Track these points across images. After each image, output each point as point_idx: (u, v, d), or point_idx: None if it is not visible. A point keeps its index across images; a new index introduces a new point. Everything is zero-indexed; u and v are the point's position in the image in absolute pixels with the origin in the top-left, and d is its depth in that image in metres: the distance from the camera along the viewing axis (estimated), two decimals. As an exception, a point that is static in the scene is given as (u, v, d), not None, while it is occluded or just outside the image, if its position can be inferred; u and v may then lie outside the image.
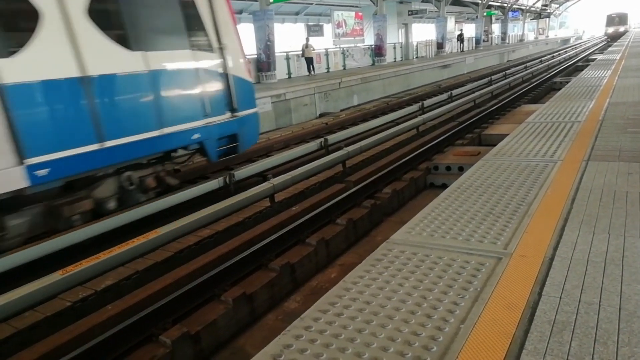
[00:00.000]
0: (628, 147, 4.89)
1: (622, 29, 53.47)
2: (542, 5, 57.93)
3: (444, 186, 7.01)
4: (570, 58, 30.78)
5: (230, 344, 3.82)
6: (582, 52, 35.16)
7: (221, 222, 5.60)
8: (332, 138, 8.72)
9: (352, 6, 29.43)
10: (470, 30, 42.63)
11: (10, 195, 4.52)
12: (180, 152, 6.40)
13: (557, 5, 67.89)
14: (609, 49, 25.63)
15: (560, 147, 5.18)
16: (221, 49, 6.42)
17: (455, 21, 45.98)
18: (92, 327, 3.50)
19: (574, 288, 2.36)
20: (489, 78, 18.44)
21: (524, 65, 25.18)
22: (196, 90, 6.14)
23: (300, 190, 6.73)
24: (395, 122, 10.85)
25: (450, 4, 32.80)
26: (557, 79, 19.03)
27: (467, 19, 45.64)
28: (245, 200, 5.72)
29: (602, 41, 49.35)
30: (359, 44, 27.67)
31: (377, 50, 25.38)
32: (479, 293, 2.38)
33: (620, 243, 2.79)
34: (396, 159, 8.00)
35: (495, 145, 5.76)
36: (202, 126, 6.19)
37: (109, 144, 5.12)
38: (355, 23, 29.72)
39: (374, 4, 24.68)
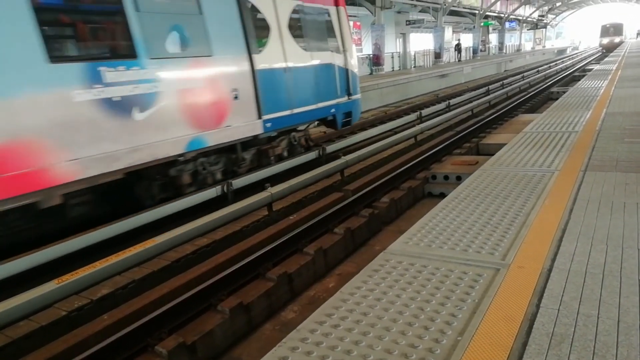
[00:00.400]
0: (625, 158, 4.90)
1: (617, 39, 50.91)
2: (539, 16, 58.43)
3: (442, 195, 7.02)
4: (567, 68, 31.01)
5: (226, 355, 3.79)
6: (579, 62, 35.40)
7: (219, 230, 5.58)
8: (330, 147, 8.73)
9: (351, 16, 29.58)
10: (467, 40, 42.91)
11: (250, 138, 7.12)
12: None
13: (554, 16, 68.47)
14: (605, 59, 25.54)
15: (558, 157, 5.19)
16: (345, 51, 9.05)
17: (453, 31, 46.33)
18: (87, 337, 3.48)
19: (572, 300, 2.35)
20: (487, 88, 18.53)
21: (521, 75, 25.29)
22: (333, 79, 8.79)
23: (298, 199, 6.73)
24: (393, 132, 10.87)
25: (447, 14, 33.04)
26: (554, 89, 19.13)
27: (465, 29, 45.96)
28: (243, 209, 5.71)
29: (597, 52, 48.66)
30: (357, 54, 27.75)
31: (375, 60, 25.49)
32: (477, 305, 2.37)
33: (619, 254, 2.79)
34: (394, 168, 8.01)
35: (493, 154, 5.77)
36: (335, 104, 8.85)
37: (295, 111, 7.84)
38: (353, 33, 29.85)
39: (372, 13, 24.80)
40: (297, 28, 7.91)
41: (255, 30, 6.98)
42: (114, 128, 5.15)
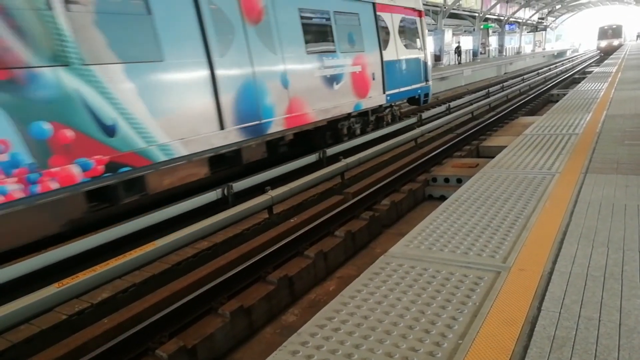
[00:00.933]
0: (626, 160, 4.90)
1: (616, 42, 48.34)
2: (539, 19, 58.51)
3: (443, 198, 7.01)
4: (566, 70, 31.03)
5: (227, 359, 3.79)
6: (576, 65, 35.24)
7: (219, 234, 5.58)
8: (330, 150, 8.73)
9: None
10: (467, 42, 42.96)
11: (377, 107, 10.80)
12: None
13: (554, 19, 68.59)
14: (604, 62, 24.89)
15: (558, 159, 5.18)
16: (425, 49, 12.89)
17: (453, 34, 46.40)
18: (87, 341, 3.47)
19: (574, 303, 2.34)
20: (487, 90, 18.53)
21: (522, 77, 25.32)
22: (419, 69, 12.58)
23: (298, 202, 6.72)
24: (394, 134, 10.88)
25: (447, 17, 33.10)
26: (555, 91, 19.14)
27: (465, 31, 46.03)
28: (244, 212, 5.70)
29: (594, 56, 46.92)
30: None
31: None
32: (478, 308, 2.36)
33: (620, 257, 2.78)
34: (394, 170, 8.01)
35: (493, 157, 5.77)
36: (420, 87, 12.62)
37: (402, 89, 11.60)
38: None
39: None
40: (402, 32, 11.71)
41: (382, 35, 10.77)
42: (326, 93, 8.96)
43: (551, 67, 35.91)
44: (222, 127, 6.74)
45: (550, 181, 4.39)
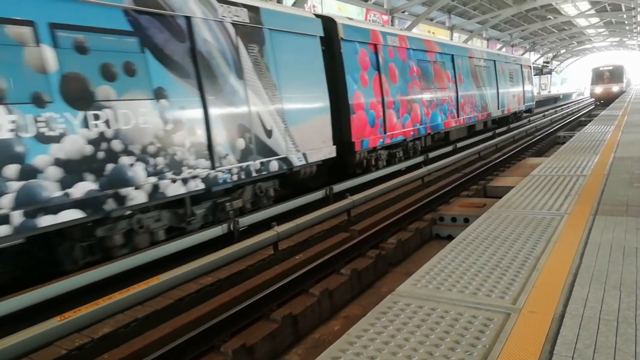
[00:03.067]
0: (636, 202, 4.86)
1: (615, 88, 37.92)
2: (544, 62, 59.52)
3: (450, 237, 6.94)
4: (572, 113, 31.26)
5: (228, 399, 3.68)
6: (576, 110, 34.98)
7: (223, 269, 5.53)
8: (337, 187, 8.75)
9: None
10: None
11: (519, 110, 23.00)
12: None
13: (559, 63, 69.75)
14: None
15: (567, 200, 5.15)
16: (530, 84, 24.74)
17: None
18: (86, 377, 3.40)
19: (587, 347, 2.27)
20: (493, 131, 18.67)
21: (528, 119, 25.50)
22: (525, 96, 23.41)
23: (304, 239, 6.68)
24: (400, 173, 10.91)
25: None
26: (561, 133, 19.22)
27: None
28: (249, 248, 5.68)
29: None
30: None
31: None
32: (488, 350, 2.29)
33: (632, 301, 2.72)
34: (401, 208, 7.98)
35: (500, 197, 5.74)
36: (525, 107, 23.67)
37: (528, 103, 24.42)
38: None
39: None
40: (521, 75, 22.60)
41: (526, 77, 23.46)
42: (513, 102, 21.45)
43: (557, 109, 36.24)
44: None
45: (559, 222, 4.35)
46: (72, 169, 4.96)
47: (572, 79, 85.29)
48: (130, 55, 5.57)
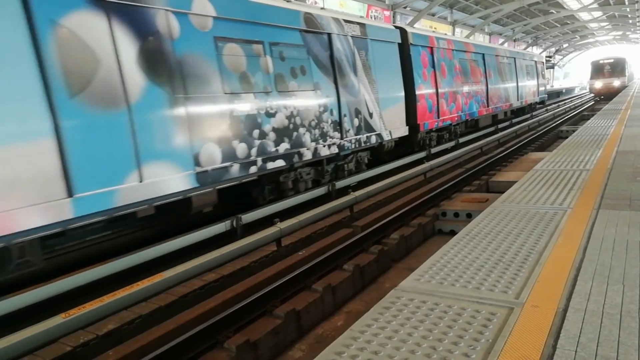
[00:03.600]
0: (638, 196, 4.84)
1: (616, 82, 35.77)
2: (547, 57, 59.25)
3: (452, 233, 6.95)
4: (575, 107, 31.13)
5: (232, 394, 3.69)
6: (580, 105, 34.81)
7: (227, 266, 5.54)
8: (339, 183, 8.75)
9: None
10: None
11: (536, 101, 25.60)
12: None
13: (561, 57, 69.45)
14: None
15: (570, 195, 5.14)
16: (544, 79, 27.84)
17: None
18: (91, 374, 3.42)
19: (590, 341, 2.27)
20: (495, 126, 18.61)
21: (530, 113, 25.44)
22: (539, 89, 25.34)
23: (307, 235, 6.69)
24: (403, 168, 10.90)
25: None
26: (564, 128, 19.16)
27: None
28: (252, 244, 5.69)
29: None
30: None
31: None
32: (491, 345, 2.30)
33: (636, 295, 2.71)
34: (404, 204, 7.98)
35: (503, 192, 5.73)
36: (539, 99, 25.54)
37: (542, 95, 26.61)
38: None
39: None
40: (536, 71, 24.53)
41: (540, 73, 25.44)
42: (528, 93, 23.43)
43: (559, 103, 36.11)
44: None
45: (562, 217, 4.34)
46: (280, 134, 7.51)
47: (575, 74, 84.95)
48: (303, 61, 8.20)
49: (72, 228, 4.86)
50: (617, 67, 36.11)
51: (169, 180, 5.63)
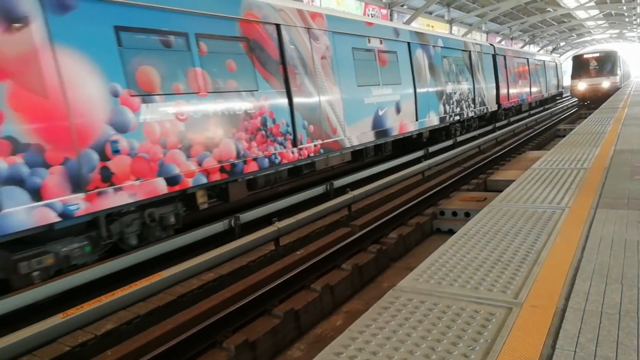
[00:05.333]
0: (636, 195, 4.86)
1: (605, 83, 27.65)
2: (544, 55, 59.19)
3: (451, 232, 6.95)
4: (573, 106, 31.19)
5: (231, 394, 3.69)
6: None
7: (225, 265, 5.54)
8: (337, 182, 8.75)
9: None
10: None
11: (553, 95, 32.42)
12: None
13: (558, 55, 69.50)
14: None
15: (568, 193, 5.15)
16: (562, 75, 35.45)
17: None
18: (89, 374, 3.41)
19: (589, 342, 2.28)
20: (493, 125, 18.64)
21: (528, 112, 25.46)
22: (558, 84, 32.97)
23: (305, 234, 6.69)
24: (401, 167, 10.91)
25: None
26: (561, 126, 19.20)
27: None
28: (250, 244, 5.68)
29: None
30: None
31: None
32: (490, 345, 2.30)
33: (634, 294, 2.72)
34: (402, 203, 7.98)
35: (501, 191, 5.74)
36: (557, 92, 32.67)
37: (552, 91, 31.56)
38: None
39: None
40: (556, 70, 31.91)
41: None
42: (547, 87, 29.73)
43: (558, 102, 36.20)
44: None
45: (560, 216, 4.35)
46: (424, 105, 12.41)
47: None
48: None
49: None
50: (606, 64, 28.13)
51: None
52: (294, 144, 7.58)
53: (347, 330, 2.56)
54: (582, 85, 28.65)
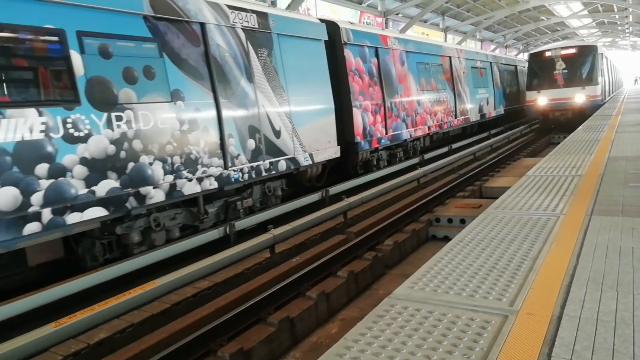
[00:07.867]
0: (631, 202, 4.87)
1: (579, 96, 18.18)
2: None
3: (446, 238, 6.95)
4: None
5: (225, 404, 3.65)
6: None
7: (220, 273, 5.50)
8: (333, 189, 8.74)
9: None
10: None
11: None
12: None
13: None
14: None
15: (562, 200, 5.16)
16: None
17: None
18: (82, 384, 3.37)
19: (585, 350, 2.27)
20: (488, 132, 18.73)
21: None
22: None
23: (300, 241, 6.67)
24: (396, 174, 10.91)
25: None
26: (555, 134, 19.28)
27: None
28: (245, 251, 5.65)
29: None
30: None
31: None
32: (486, 353, 2.29)
33: (630, 301, 2.72)
34: (397, 210, 7.98)
35: (496, 198, 5.75)
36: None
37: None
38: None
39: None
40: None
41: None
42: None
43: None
44: None
45: (555, 223, 4.36)
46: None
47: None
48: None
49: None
50: (580, 66, 18.81)
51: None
52: None
53: (342, 338, 2.54)
54: (543, 100, 18.96)
